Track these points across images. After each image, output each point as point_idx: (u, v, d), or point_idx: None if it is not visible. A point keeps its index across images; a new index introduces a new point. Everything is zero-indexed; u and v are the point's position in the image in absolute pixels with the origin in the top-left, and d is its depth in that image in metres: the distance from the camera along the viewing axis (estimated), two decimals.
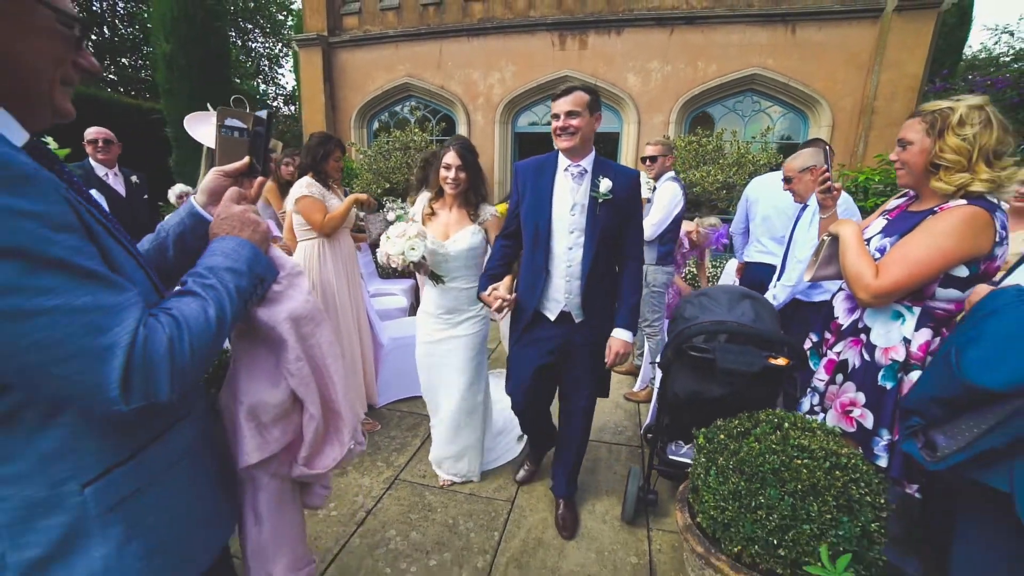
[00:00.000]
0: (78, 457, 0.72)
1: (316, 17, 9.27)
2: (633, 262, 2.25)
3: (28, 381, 0.63)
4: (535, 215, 2.19)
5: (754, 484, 1.60)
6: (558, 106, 2.07)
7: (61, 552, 0.71)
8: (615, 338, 2.22)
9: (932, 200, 1.71)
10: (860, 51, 6.61)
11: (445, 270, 2.50)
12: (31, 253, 0.59)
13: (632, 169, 2.28)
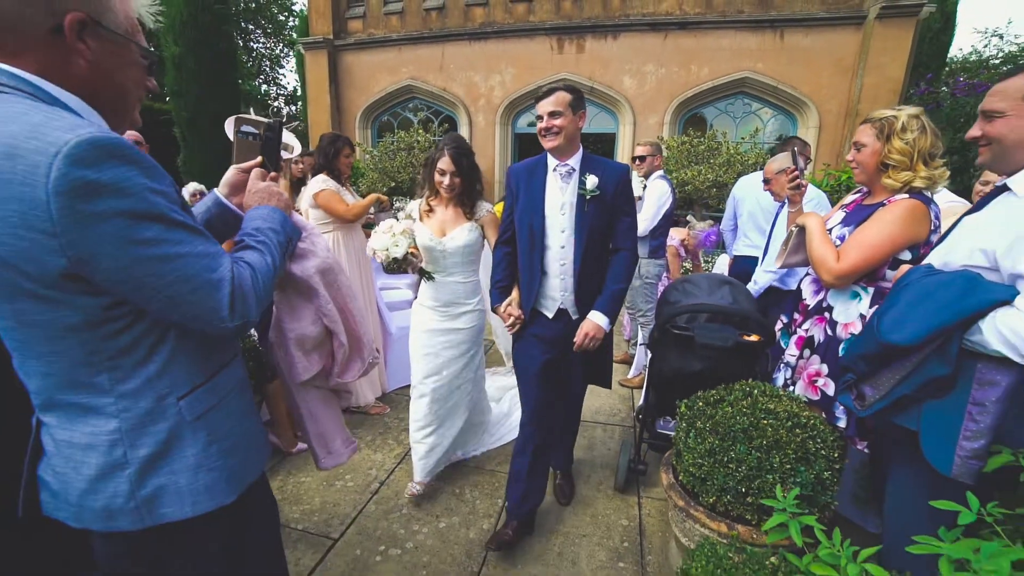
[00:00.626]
0: (173, 378, 0.93)
1: (322, 21, 9.47)
2: (624, 252, 2.23)
3: (168, 307, 0.85)
4: (529, 217, 2.19)
5: (726, 442, 1.83)
6: (541, 107, 2.08)
7: (165, 451, 0.92)
8: (589, 320, 2.18)
9: (882, 194, 1.93)
10: (845, 56, 6.85)
11: (443, 266, 2.51)
12: (166, 217, 0.82)
13: (621, 164, 2.27)
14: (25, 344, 0.84)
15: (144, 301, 0.84)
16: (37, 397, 0.90)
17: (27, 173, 0.70)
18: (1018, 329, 1.14)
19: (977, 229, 1.36)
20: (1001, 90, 1.33)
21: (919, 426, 1.35)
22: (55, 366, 0.84)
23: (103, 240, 0.75)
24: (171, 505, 0.92)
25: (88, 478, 0.88)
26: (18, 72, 0.78)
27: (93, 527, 0.90)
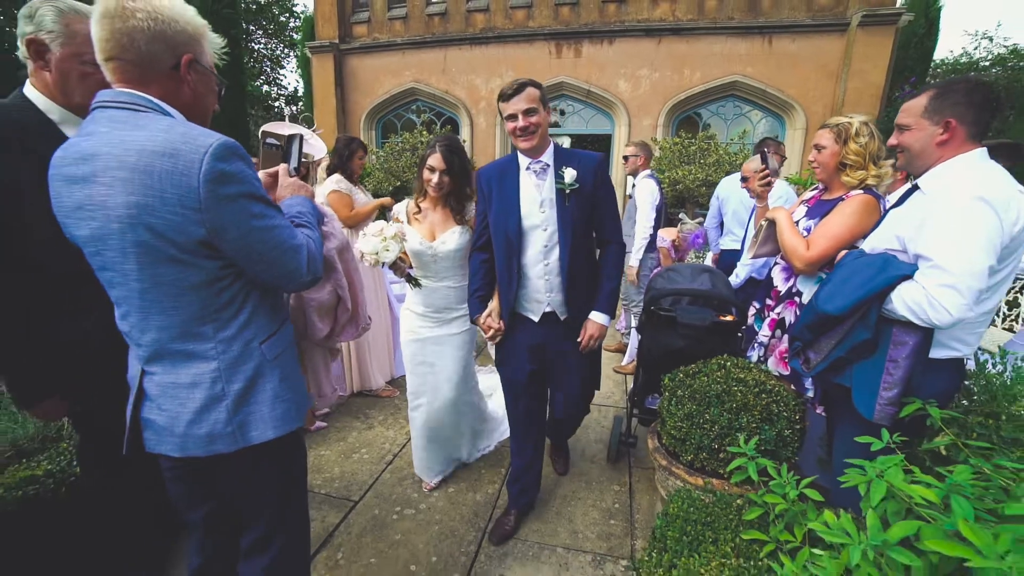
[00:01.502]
0: (256, 327, 1.18)
1: (328, 25, 9.69)
2: (613, 245, 2.16)
3: (266, 267, 1.10)
4: (504, 221, 2.06)
5: (702, 406, 2.07)
6: (514, 106, 1.92)
7: (252, 385, 1.17)
8: (591, 320, 2.13)
9: (839, 190, 2.17)
10: (829, 61, 7.10)
11: (433, 271, 2.39)
12: (264, 198, 1.09)
13: (594, 153, 2.15)
14: (154, 302, 1.07)
15: (249, 263, 1.09)
16: (147, 349, 1.12)
17: (185, 166, 0.96)
18: (917, 298, 1.40)
19: (895, 219, 1.62)
20: (907, 108, 1.59)
21: (851, 382, 1.60)
22: (174, 319, 1.08)
23: (231, 214, 1.01)
24: (257, 429, 1.17)
25: (194, 411, 1.12)
26: (149, 97, 1.05)
27: (196, 453, 1.14)
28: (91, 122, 1.03)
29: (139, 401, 1.18)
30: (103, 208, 0.98)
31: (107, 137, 0.98)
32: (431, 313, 2.46)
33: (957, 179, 1.47)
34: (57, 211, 1.06)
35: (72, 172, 1.00)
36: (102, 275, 1.09)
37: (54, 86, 1.41)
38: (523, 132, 1.95)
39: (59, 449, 1.91)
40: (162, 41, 1.04)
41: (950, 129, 1.50)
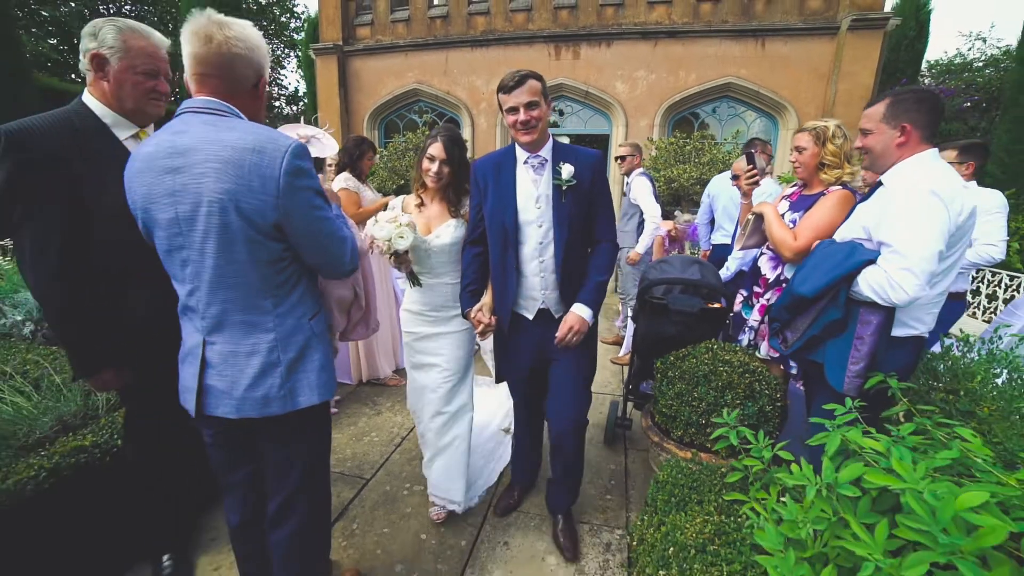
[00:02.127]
0: (305, 305, 1.36)
1: (332, 28, 9.82)
2: (606, 244, 2.07)
3: (318, 253, 1.30)
4: (501, 214, 1.99)
5: (691, 385, 2.24)
6: (515, 98, 1.84)
7: (302, 355, 1.34)
8: (573, 312, 2.00)
9: (818, 187, 2.34)
10: (820, 63, 7.26)
11: (429, 266, 2.28)
12: (321, 192, 1.27)
13: (593, 150, 2.06)
14: (225, 277, 1.23)
15: (306, 247, 1.28)
16: (211, 321, 1.28)
17: (270, 161, 1.15)
18: (879, 280, 1.57)
19: (862, 212, 1.78)
20: (868, 114, 1.76)
21: (824, 358, 1.76)
22: (240, 293, 1.25)
23: (299, 203, 1.20)
24: (304, 395, 1.34)
25: (251, 376, 1.28)
26: (233, 108, 1.26)
27: (251, 414, 1.30)
28: (181, 123, 1.21)
29: (203, 369, 1.32)
30: (195, 194, 1.15)
31: (201, 136, 1.16)
32: (429, 312, 2.34)
33: (913, 176, 1.64)
34: (143, 198, 1.22)
35: (167, 164, 1.17)
36: (176, 255, 1.24)
37: (111, 94, 1.57)
38: (524, 126, 1.86)
39: (99, 424, 2.06)
40: (250, 67, 1.26)
41: (906, 132, 1.67)
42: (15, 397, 2.10)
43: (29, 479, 1.65)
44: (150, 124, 1.72)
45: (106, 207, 1.52)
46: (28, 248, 1.46)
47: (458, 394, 2.42)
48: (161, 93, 1.67)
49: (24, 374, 2.40)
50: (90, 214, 1.52)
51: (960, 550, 0.82)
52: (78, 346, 1.58)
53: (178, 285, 1.30)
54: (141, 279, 1.59)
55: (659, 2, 7.72)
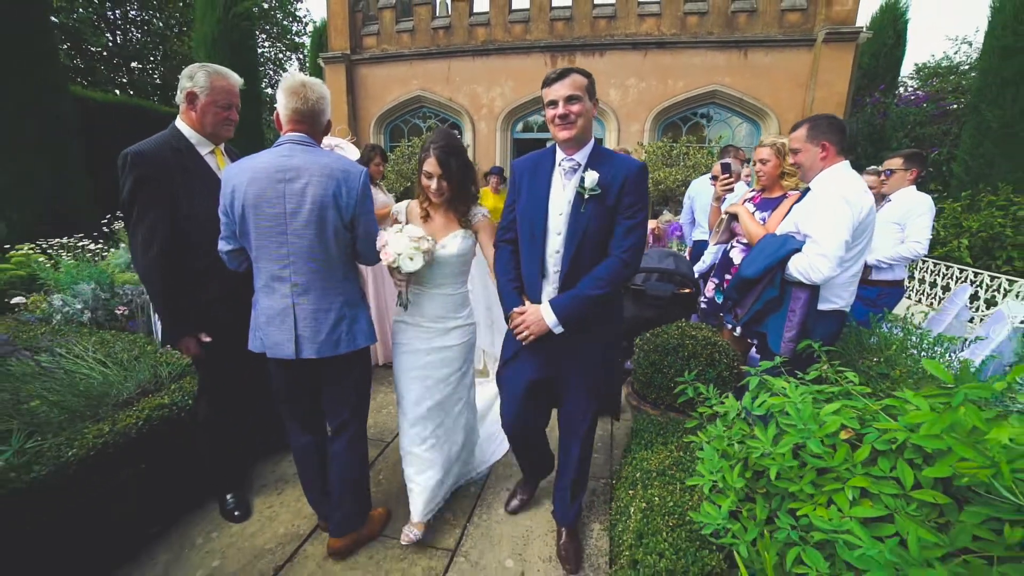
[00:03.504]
0: (358, 278, 1.84)
1: (340, 37, 10.19)
2: (612, 258, 1.80)
3: (365, 245, 1.78)
4: (531, 216, 1.87)
5: (662, 356, 2.64)
6: (555, 92, 1.71)
7: (358, 312, 1.86)
8: (534, 308, 1.86)
9: (778, 191, 2.74)
10: (799, 72, 7.65)
11: (429, 276, 2.11)
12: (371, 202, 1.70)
13: (634, 160, 1.85)
14: (316, 253, 1.71)
15: (361, 239, 1.74)
16: (301, 287, 1.73)
17: (353, 179, 1.65)
18: (803, 264, 1.97)
19: (796, 212, 2.19)
20: (795, 136, 2.17)
21: (767, 329, 2.17)
22: (325, 266, 1.73)
23: (363, 209, 1.69)
24: (360, 338, 1.85)
25: (329, 326, 1.76)
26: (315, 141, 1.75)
27: (327, 353, 1.78)
28: (288, 150, 1.67)
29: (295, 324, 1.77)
30: (301, 196, 1.63)
31: (306, 159, 1.65)
32: (425, 323, 2.17)
33: (830, 185, 2.04)
34: (255, 196, 1.65)
35: (279, 176, 1.63)
36: (276, 238, 1.67)
37: (197, 121, 1.96)
38: (562, 120, 1.72)
39: (170, 389, 2.45)
40: (325, 115, 1.78)
41: (826, 148, 2.08)
42: (102, 367, 2.49)
43: (131, 425, 2.04)
44: (222, 144, 2.12)
45: (193, 211, 1.92)
46: (139, 243, 1.85)
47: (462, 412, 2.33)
48: (232, 121, 2.06)
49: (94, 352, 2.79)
50: (182, 218, 1.91)
51: (813, 435, 1.22)
52: (170, 319, 1.98)
53: (270, 263, 1.71)
54: (213, 272, 1.99)
55: (649, 15, 8.11)
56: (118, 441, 1.96)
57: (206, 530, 2.22)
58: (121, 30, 17.60)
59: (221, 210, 1.74)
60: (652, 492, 1.77)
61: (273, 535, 2.21)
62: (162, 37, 17.96)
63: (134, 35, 17.92)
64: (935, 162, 8.94)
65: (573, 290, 1.81)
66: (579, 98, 1.71)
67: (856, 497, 1.25)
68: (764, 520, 1.36)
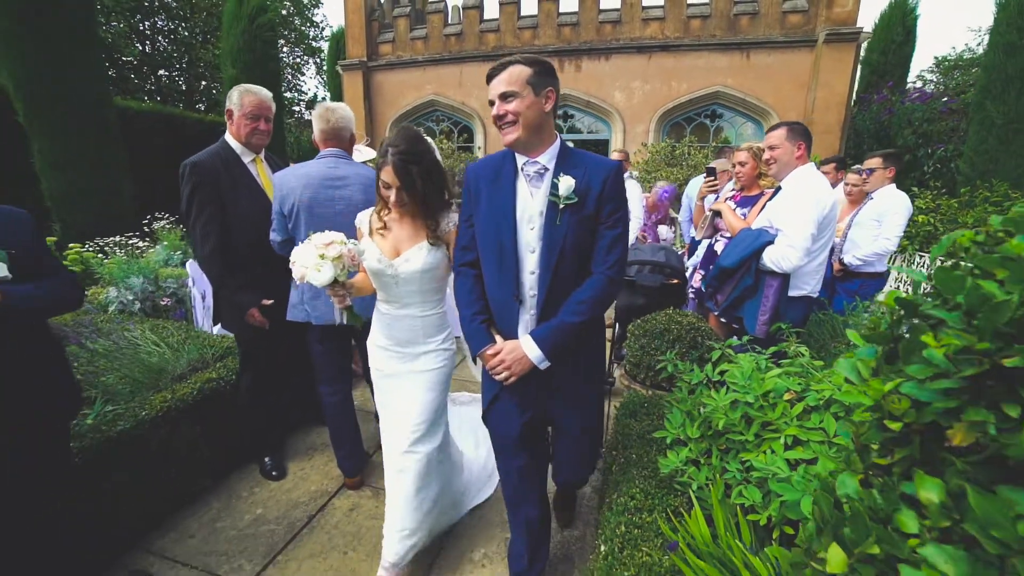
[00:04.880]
0: None
1: (357, 45, 10.55)
2: (597, 275, 1.56)
3: None
4: (496, 232, 1.58)
5: (651, 339, 2.88)
6: (492, 89, 1.48)
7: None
8: (515, 346, 1.58)
9: (756, 190, 2.96)
10: (800, 73, 7.75)
11: (396, 295, 1.89)
12: None
13: (611, 160, 1.60)
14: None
15: None
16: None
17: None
18: (774, 254, 2.20)
19: (769, 208, 2.41)
20: (774, 135, 2.38)
21: (744, 313, 2.40)
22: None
23: None
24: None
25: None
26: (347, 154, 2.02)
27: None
28: (331, 162, 2.01)
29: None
30: (349, 199, 1.95)
31: (348, 170, 1.99)
32: (394, 347, 1.95)
33: (799, 183, 2.27)
34: (309, 200, 1.99)
35: (329, 183, 1.97)
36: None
37: (235, 133, 2.27)
38: (500, 121, 1.49)
39: (216, 366, 2.77)
40: (348, 130, 2.08)
41: (801, 148, 2.30)
42: (157, 349, 2.83)
43: (188, 394, 2.36)
44: (260, 153, 2.42)
45: (237, 210, 2.23)
46: (198, 237, 2.17)
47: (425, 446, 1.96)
48: (261, 131, 2.35)
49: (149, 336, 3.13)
50: (228, 215, 2.22)
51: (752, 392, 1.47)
52: (233, 296, 2.30)
53: None
54: (256, 259, 2.30)
55: (653, 19, 8.28)
56: (178, 406, 2.29)
57: (249, 485, 2.54)
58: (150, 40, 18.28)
59: (275, 210, 2.06)
60: (631, 451, 2.02)
61: (306, 491, 2.51)
62: (188, 46, 18.57)
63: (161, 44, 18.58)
64: (941, 159, 8.93)
65: (555, 318, 1.54)
66: (515, 95, 1.45)
67: (790, 443, 1.50)
68: (719, 467, 1.62)
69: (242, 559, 2.07)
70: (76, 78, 6.02)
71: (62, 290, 1.48)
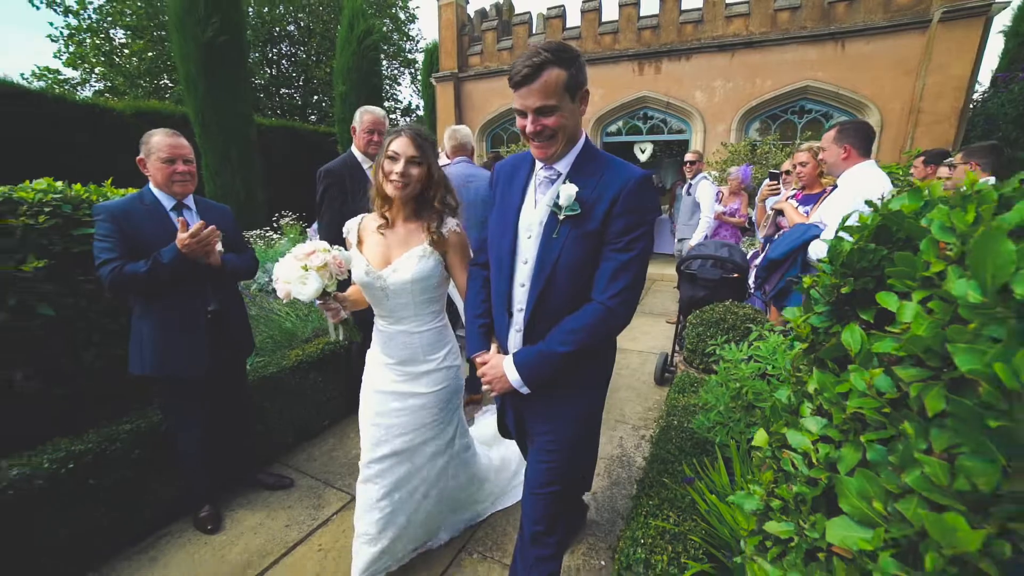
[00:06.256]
0: None
1: (449, 59, 11.35)
2: (595, 304, 1.34)
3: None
4: (499, 237, 1.47)
5: (707, 328, 3.03)
6: (523, 100, 1.26)
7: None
8: (498, 361, 1.45)
9: (817, 188, 2.99)
10: (907, 58, 7.05)
11: (388, 308, 1.71)
12: None
13: (634, 170, 1.34)
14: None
15: None
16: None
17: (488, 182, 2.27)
18: (819, 248, 2.29)
19: (823, 204, 2.48)
20: (825, 137, 2.45)
21: (790, 303, 2.50)
22: None
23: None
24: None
25: None
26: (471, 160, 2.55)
27: None
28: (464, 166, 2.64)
29: None
30: (477, 190, 2.45)
31: (475, 171, 2.57)
32: (395, 365, 1.79)
33: (850, 179, 2.32)
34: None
35: (464, 181, 2.51)
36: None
37: (358, 145, 2.82)
38: (537, 138, 1.31)
39: (312, 342, 3.39)
40: (469, 145, 2.57)
41: (847, 151, 2.35)
42: (291, 317, 3.53)
43: (314, 352, 2.98)
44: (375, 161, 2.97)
45: (355, 207, 2.77)
46: (325, 225, 2.74)
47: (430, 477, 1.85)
48: (376, 143, 2.88)
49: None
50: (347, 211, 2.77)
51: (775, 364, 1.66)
52: None
53: None
54: None
55: (736, 15, 8.01)
56: (307, 360, 2.90)
57: (356, 431, 3.12)
58: (276, 64, 20.84)
59: None
60: (672, 418, 2.26)
61: None
62: (305, 66, 20.85)
63: (284, 67, 21.08)
64: None
65: (541, 343, 1.37)
66: (555, 109, 1.25)
67: None
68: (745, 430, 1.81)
69: (349, 479, 2.60)
70: (230, 107, 7.45)
71: (249, 262, 2.13)
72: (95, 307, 2.16)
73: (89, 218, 2.09)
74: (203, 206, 2.14)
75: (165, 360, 2.00)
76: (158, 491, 2.23)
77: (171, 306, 1.98)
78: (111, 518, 2.04)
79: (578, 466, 1.55)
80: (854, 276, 0.73)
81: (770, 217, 3.32)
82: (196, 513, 2.28)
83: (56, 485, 1.82)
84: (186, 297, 2.00)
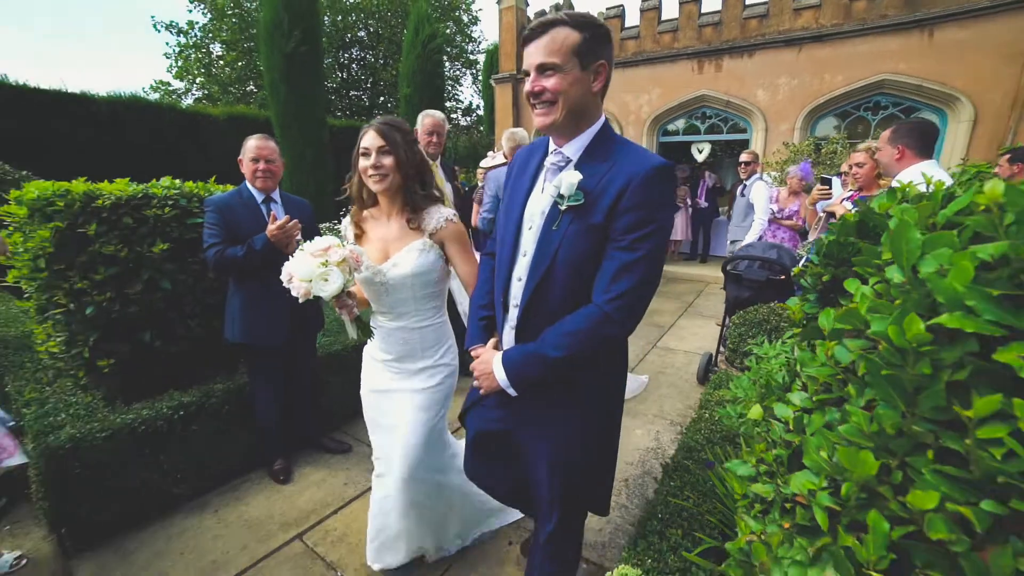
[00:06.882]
0: None
1: (508, 60, 11.59)
2: (593, 307, 1.20)
3: None
4: (505, 225, 1.40)
5: (750, 328, 3.02)
6: (528, 57, 1.18)
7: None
8: (489, 356, 1.35)
9: (875, 190, 2.89)
10: (1011, 43, 6.34)
11: (387, 304, 1.68)
12: None
13: (652, 158, 1.19)
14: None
15: None
16: None
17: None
18: None
19: None
20: (881, 137, 2.38)
21: None
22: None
23: None
24: None
25: None
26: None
27: None
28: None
29: None
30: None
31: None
32: (391, 361, 1.76)
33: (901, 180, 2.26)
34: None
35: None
36: None
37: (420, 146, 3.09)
38: (536, 99, 1.20)
39: None
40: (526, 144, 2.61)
41: (901, 151, 2.29)
42: None
43: None
44: (437, 160, 3.21)
45: None
46: None
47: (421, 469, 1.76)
48: (432, 144, 3.12)
49: None
50: None
51: None
52: None
53: None
54: None
55: (806, 7, 7.57)
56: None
57: None
58: (347, 68, 22.09)
59: (492, 195, 2.80)
60: (704, 411, 2.32)
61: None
62: (373, 69, 21.95)
63: (353, 70, 22.29)
64: None
65: (534, 344, 1.26)
66: (556, 68, 1.15)
67: None
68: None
69: None
70: (307, 112, 8.20)
71: None
72: (200, 285, 2.55)
73: (199, 209, 2.48)
74: (287, 200, 2.51)
75: (252, 329, 2.36)
76: (243, 442, 2.60)
77: (258, 285, 2.33)
78: (209, 458, 2.46)
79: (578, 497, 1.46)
80: (835, 266, 0.82)
81: (821, 220, 3.25)
82: (271, 466, 2.64)
83: (172, 427, 2.26)
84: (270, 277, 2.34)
